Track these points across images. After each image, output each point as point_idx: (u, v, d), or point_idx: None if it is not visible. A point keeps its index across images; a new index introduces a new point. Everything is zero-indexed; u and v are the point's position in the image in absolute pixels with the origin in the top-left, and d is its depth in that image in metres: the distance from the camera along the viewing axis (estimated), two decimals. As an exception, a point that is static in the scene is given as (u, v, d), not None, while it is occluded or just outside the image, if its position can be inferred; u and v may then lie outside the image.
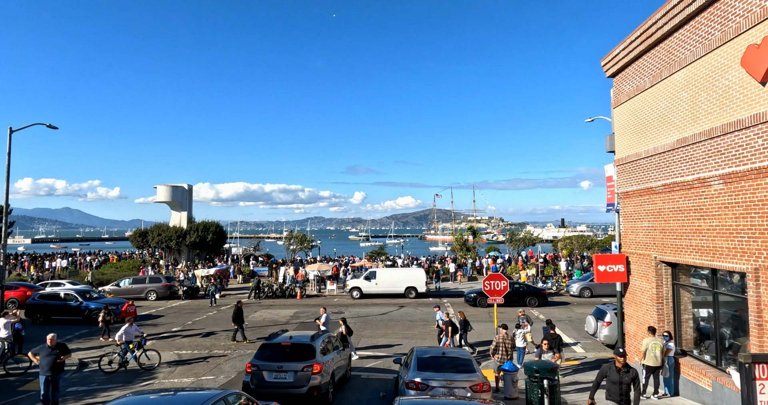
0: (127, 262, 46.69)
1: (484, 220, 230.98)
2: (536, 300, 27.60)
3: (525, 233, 55.27)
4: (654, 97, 13.11)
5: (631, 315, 14.89)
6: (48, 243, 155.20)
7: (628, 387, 9.13)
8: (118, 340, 15.94)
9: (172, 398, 7.48)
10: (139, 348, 15.96)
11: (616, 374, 9.18)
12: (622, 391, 9.13)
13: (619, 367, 9.22)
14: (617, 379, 9.12)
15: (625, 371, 9.20)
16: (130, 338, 15.96)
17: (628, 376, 9.17)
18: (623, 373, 9.15)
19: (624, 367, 9.23)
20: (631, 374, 9.21)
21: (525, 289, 28.37)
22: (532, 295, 27.72)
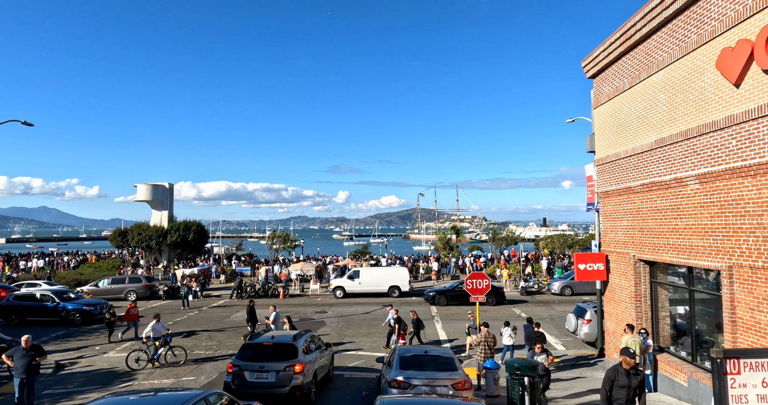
0: (107, 262, 45.91)
1: (468, 220, 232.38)
2: (494, 298, 27.80)
3: (507, 232, 55.75)
4: (633, 99, 13.32)
5: (610, 312, 15.13)
6: (24, 243, 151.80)
7: (635, 391, 8.43)
8: (144, 337, 16.15)
9: (152, 399, 7.38)
10: (165, 345, 16.14)
11: (624, 378, 8.36)
12: (629, 397, 8.41)
13: (627, 369, 8.40)
14: (626, 382, 8.34)
15: (634, 374, 8.42)
16: (158, 335, 16.09)
17: (637, 379, 8.42)
18: (632, 376, 8.38)
19: (633, 369, 8.43)
20: (640, 377, 8.49)
21: None
22: (489, 294, 27.81)
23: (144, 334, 16.27)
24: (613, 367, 8.64)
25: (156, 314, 16.94)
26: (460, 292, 27.95)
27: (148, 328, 16.29)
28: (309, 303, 29.93)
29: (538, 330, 15.10)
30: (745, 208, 9.36)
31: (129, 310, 19.83)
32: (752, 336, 9.29)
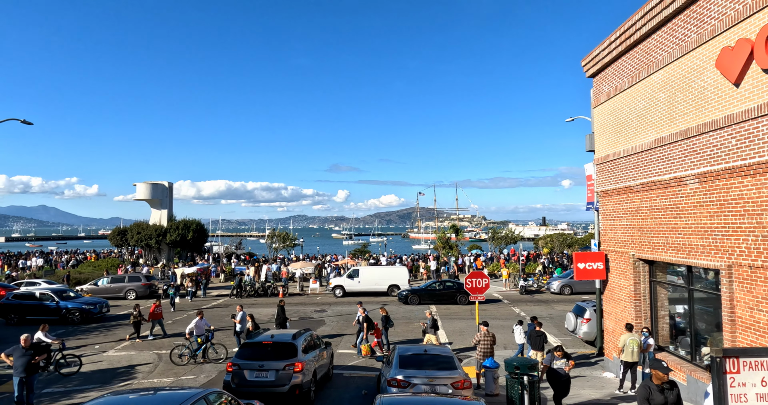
0: (106, 261, 45.89)
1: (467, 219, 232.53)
2: (465, 298, 27.73)
3: (507, 231, 55.81)
4: (633, 98, 13.33)
5: (609, 312, 15.14)
6: (23, 241, 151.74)
7: None
8: (187, 333, 16.39)
9: (151, 398, 7.38)
10: (207, 341, 16.31)
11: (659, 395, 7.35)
12: None
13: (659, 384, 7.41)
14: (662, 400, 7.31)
15: (669, 388, 7.46)
16: (201, 332, 16.25)
17: (672, 393, 7.47)
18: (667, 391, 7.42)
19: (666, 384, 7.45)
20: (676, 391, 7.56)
21: (457, 286, 28.71)
22: (462, 294, 27.91)
23: (187, 330, 16.57)
24: (643, 385, 7.61)
25: (199, 311, 17.27)
26: (433, 291, 28.24)
27: (191, 324, 16.53)
28: (308, 302, 29.93)
29: (539, 329, 15.10)
30: (744, 208, 9.37)
31: (153, 309, 19.90)
32: (751, 335, 9.30)
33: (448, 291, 28.13)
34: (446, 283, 28.98)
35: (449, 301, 27.75)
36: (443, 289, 28.32)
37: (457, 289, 28.20)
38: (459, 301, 27.72)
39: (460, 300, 27.73)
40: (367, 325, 17.42)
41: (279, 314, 19.25)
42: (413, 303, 27.68)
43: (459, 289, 28.11)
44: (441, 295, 28.01)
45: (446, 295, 28.00)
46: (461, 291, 27.85)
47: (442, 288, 28.53)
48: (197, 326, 16.43)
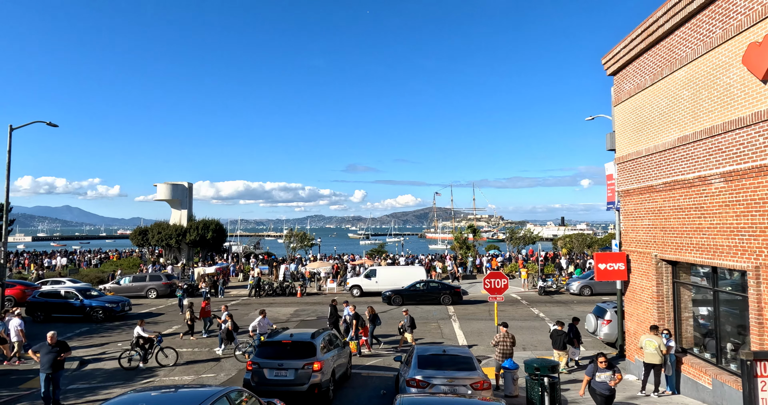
0: (127, 261, 46.69)
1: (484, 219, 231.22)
2: (450, 298, 27.78)
3: (525, 231, 55.33)
4: (655, 95, 13.10)
5: (631, 313, 14.91)
6: (49, 241, 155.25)
7: None
8: (251, 331, 16.73)
9: (173, 395, 7.49)
10: None
11: None
12: None
13: None
14: None
15: None
16: (264, 331, 16.46)
17: None
18: None
19: None
20: None
21: (441, 287, 28.69)
22: (447, 294, 27.97)
23: (250, 328, 16.87)
24: None
25: (262, 310, 17.60)
26: (416, 291, 28.29)
27: (254, 322, 16.81)
28: (326, 301, 29.99)
29: (561, 329, 14.95)
30: (772, 207, 9.13)
31: (203, 308, 20.23)
32: (780, 338, 9.07)
33: (431, 292, 28.21)
34: (430, 284, 29.04)
35: (433, 302, 27.84)
36: (427, 290, 28.39)
37: (440, 290, 28.31)
38: (442, 301, 27.80)
39: (443, 300, 27.81)
40: (356, 323, 17.62)
41: (332, 313, 19.20)
42: (396, 303, 27.77)
43: (442, 289, 28.27)
44: (424, 295, 28.06)
45: (430, 296, 28.05)
46: (444, 292, 28.05)
47: (425, 289, 28.59)
48: (260, 325, 16.64)
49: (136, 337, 16.07)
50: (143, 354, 15.88)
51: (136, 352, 15.86)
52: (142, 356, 15.85)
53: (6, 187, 20.97)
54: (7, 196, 21.33)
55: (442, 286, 28.54)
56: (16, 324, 16.40)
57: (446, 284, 28.99)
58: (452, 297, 27.83)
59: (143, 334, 16.09)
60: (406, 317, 17.88)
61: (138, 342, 16.01)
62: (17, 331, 16.30)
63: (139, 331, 16.13)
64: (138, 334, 16.08)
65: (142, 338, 15.99)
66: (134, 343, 16.06)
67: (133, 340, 16.18)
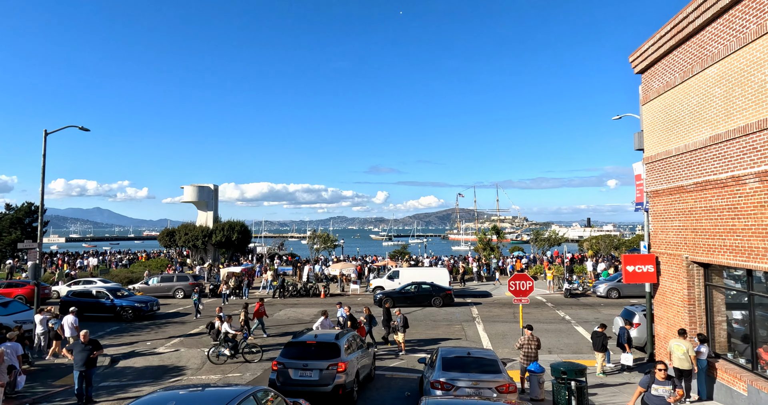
0: (155, 261, 47.69)
1: (508, 220, 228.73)
2: (441, 300, 27.57)
3: (550, 233, 54.55)
4: (685, 94, 12.78)
5: (661, 317, 14.56)
6: (80, 242, 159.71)
7: None
8: None
9: (201, 394, 7.62)
10: None
11: None
12: None
13: None
14: None
15: None
16: None
17: None
18: None
19: None
20: None
21: (432, 289, 28.41)
22: (438, 296, 27.76)
23: (314, 327, 17.14)
24: None
25: (324, 311, 17.77)
26: (407, 293, 28.16)
27: (317, 323, 17.10)
28: (349, 302, 30.05)
29: (602, 331, 14.77)
30: (811, 208, 8.81)
31: (258, 308, 20.53)
32: (820, 343, 8.73)
33: (423, 294, 28.06)
34: (422, 286, 28.81)
35: (424, 304, 27.75)
36: (418, 292, 28.24)
37: (431, 292, 28.17)
38: (433, 303, 27.65)
39: (434, 302, 27.67)
40: (351, 324, 17.64)
41: (384, 315, 19.07)
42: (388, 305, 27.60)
43: (433, 292, 28.13)
44: (415, 297, 27.91)
45: (421, 298, 27.88)
46: (436, 294, 27.91)
47: (417, 291, 28.44)
48: (322, 325, 16.92)
49: (224, 334, 16.65)
50: (232, 346, 16.47)
51: (225, 348, 16.39)
52: (231, 348, 16.40)
53: (41, 189, 21.64)
54: (42, 198, 22.00)
55: (434, 288, 28.44)
56: (71, 320, 17.11)
57: (438, 286, 28.82)
58: (443, 299, 27.74)
59: (230, 330, 16.72)
60: (399, 317, 17.94)
61: (225, 338, 16.58)
62: (72, 327, 16.95)
63: (226, 327, 16.74)
64: (225, 330, 16.69)
65: (229, 334, 16.60)
66: (222, 339, 16.62)
67: (221, 337, 16.72)
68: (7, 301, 20.54)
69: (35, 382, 14.30)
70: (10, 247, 45.31)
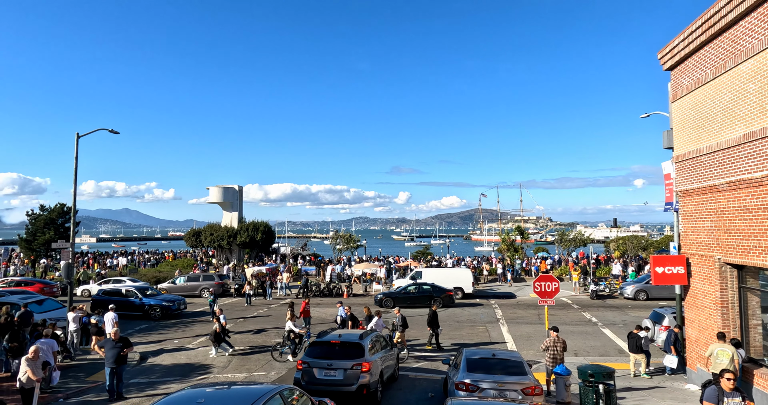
0: (182, 261, 48.54)
1: (532, 220, 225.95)
2: (441, 301, 27.22)
3: (576, 233, 53.67)
4: (717, 90, 12.43)
5: (692, 319, 14.19)
6: (110, 242, 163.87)
7: None
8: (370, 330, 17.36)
9: (229, 392, 7.72)
10: None
11: None
12: None
13: None
14: None
15: None
16: (379, 330, 17.10)
17: None
18: None
19: None
20: None
21: (432, 289, 28.12)
22: (438, 297, 27.50)
23: (368, 328, 17.37)
24: None
25: (377, 311, 18.07)
26: (408, 294, 27.97)
27: (371, 323, 17.36)
28: (372, 303, 30.20)
29: (637, 332, 14.54)
30: None
31: (304, 307, 20.79)
32: None
33: (423, 294, 27.86)
34: (422, 287, 28.66)
35: (424, 305, 27.38)
36: (418, 293, 28.07)
37: (432, 292, 27.97)
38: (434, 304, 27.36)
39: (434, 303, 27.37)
40: (351, 324, 17.66)
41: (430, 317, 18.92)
42: (387, 306, 27.53)
43: (434, 292, 27.94)
44: (416, 298, 27.72)
45: (421, 299, 27.65)
46: (436, 295, 27.69)
47: (417, 291, 28.28)
48: (377, 325, 17.13)
49: (288, 332, 16.98)
50: (293, 348, 16.75)
51: (287, 346, 16.72)
52: (292, 350, 16.71)
53: (74, 191, 22.29)
54: (74, 199, 22.66)
55: (434, 289, 28.29)
56: (112, 317, 17.76)
57: (438, 287, 28.67)
58: (443, 300, 27.53)
59: (294, 329, 17.01)
60: (398, 316, 17.98)
61: (289, 336, 16.90)
62: (113, 322, 17.54)
63: (290, 325, 17.03)
64: (290, 328, 16.99)
65: (293, 333, 16.90)
66: (285, 337, 16.97)
67: (285, 335, 17.08)
68: (42, 298, 21.18)
69: (68, 378, 14.72)
70: (44, 247, 46.73)
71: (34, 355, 11.33)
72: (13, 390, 12.51)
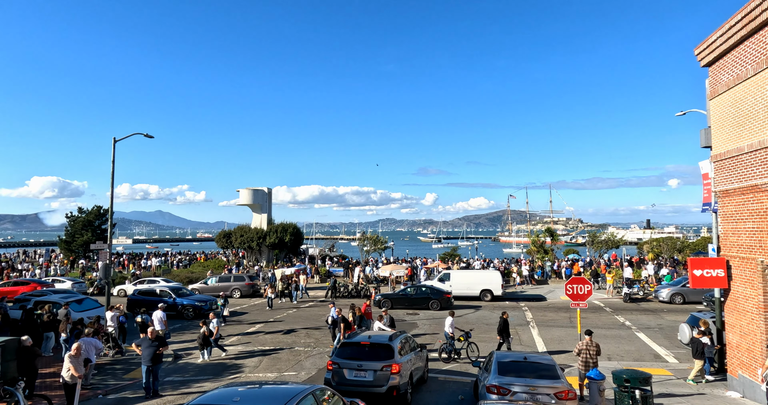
0: (213, 262, 49.49)
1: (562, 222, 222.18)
2: (438, 304, 27.14)
3: (608, 235, 52.49)
4: (759, 86, 11.99)
5: (733, 324, 13.70)
6: (144, 243, 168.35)
7: None
8: (450, 332, 17.61)
9: (262, 391, 7.83)
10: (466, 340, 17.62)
11: None
12: None
13: None
14: None
15: None
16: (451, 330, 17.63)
17: None
18: None
19: None
20: None
21: (431, 292, 27.98)
22: (435, 299, 27.40)
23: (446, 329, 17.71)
24: None
25: (451, 311, 18.49)
26: (406, 296, 28.04)
27: (447, 323, 17.68)
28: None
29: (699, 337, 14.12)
30: None
31: (364, 309, 21.03)
32: None
33: (421, 296, 27.79)
34: (420, 289, 28.57)
35: (422, 307, 27.54)
36: (416, 295, 27.97)
37: (430, 294, 27.83)
38: (431, 306, 27.30)
39: (432, 306, 27.32)
40: (344, 325, 17.59)
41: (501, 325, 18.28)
42: (386, 307, 27.26)
43: (432, 295, 27.80)
44: (413, 300, 27.60)
45: (419, 301, 27.58)
46: (434, 297, 27.56)
47: (415, 293, 28.19)
48: (452, 326, 17.51)
49: (452, 332, 17.43)
50: (457, 348, 17.21)
51: (449, 346, 17.14)
52: (456, 350, 17.13)
53: (110, 194, 22.99)
54: (111, 202, 23.37)
55: (432, 292, 28.19)
56: (161, 315, 18.30)
57: (436, 289, 28.59)
58: (441, 303, 27.37)
59: (385, 328, 17.32)
60: (386, 317, 18.11)
61: (453, 336, 17.35)
62: (162, 321, 18.10)
63: (379, 325, 17.45)
64: (379, 327, 17.38)
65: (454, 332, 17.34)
66: (450, 337, 17.40)
67: (449, 334, 17.49)
68: (81, 298, 21.91)
69: (106, 374, 15.19)
70: (82, 248, 48.34)
71: (77, 352, 11.73)
72: (57, 385, 12.98)
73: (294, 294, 31.77)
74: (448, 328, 17.49)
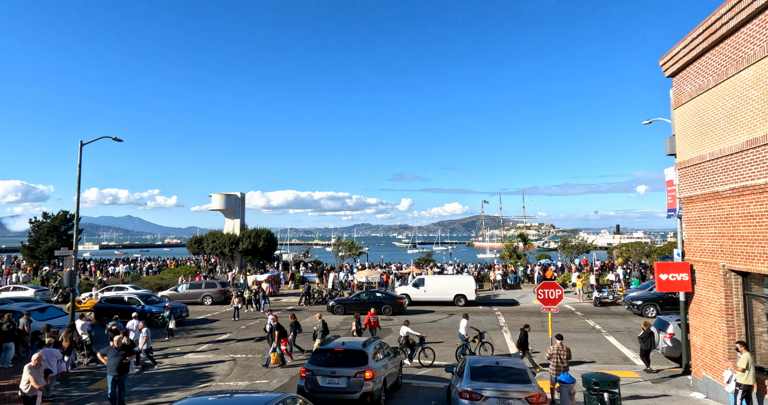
0: (184, 268, 48.51)
1: (534, 227, 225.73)
2: (391, 308, 27.76)
3: (579, 240, 53.57)
4: (719, 97, 12.45)
5: (697, 326, 14.11)
6: (113, 249, 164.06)
7: None
8: (466, 335, 17.70)
9: (230, 400, 7.69)
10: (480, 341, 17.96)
11: None
12: None
13: None
14: None
15: None
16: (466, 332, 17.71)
17: None
18: None
19: None
20: None
21: (384, 297, 28.66)
22: (388, 304, 27.97)
23: (461, 331, 17.64)
24: None
25: (465, 314, 18.67)
26: (359, 301, 28.29)
27: (462, 326, 17.71)
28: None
29: None
30: None
31: (369, 318, 20.57)
32: None
33: (374, 301, 28.15)
34: (374, 294, 29.00)
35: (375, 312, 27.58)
36: (369, 300, 28.30)
37: (383, 300, 28.33)
38: (383, 311, 27.68)
39: (384, 311, 27.71)
40: (278, 333, 17.54)
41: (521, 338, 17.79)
42: (338, 313, 27.90)
43: (385, 300, 28.33)
44: (366, 305, 27.53)
45: (372, 306, 27.09)
46: (386, 302, 28.10)
47: (368, 298, 28.56)
48: (466, 327, 17.61)
49: (404, 337, 17.27)
50: (410, 352, 17.09)
51: (403, 351, 16.93)
52: (408, 354, 17.00)
53: (77, 199, 22.34)
54: (78, 206, 22.69)
55: (385, 297, 28.65)
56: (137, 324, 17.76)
57: (389, 294, 29.11)
58: (393, 307, 27.80)
59: (413, 332, 17.42)
60: (319, 323, 18.23)
61: (407, 341, 17.19)
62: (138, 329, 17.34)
63: (408, 330, 17.39)
64: (407, 332, 17.35)
65: (410, 338, 17.27)
66: (402, 344, 17.23)
67: (402, 341, 17.32)
68: (44, 306, 21.18)
69: (70, 386, 14.68)
70: (46, 254, 46.77)
71: (37, 363, 11.31)
72: (15, 398, 12.48)
73: (261, 302, 30.55)
74: (463, 329, 17.75)
